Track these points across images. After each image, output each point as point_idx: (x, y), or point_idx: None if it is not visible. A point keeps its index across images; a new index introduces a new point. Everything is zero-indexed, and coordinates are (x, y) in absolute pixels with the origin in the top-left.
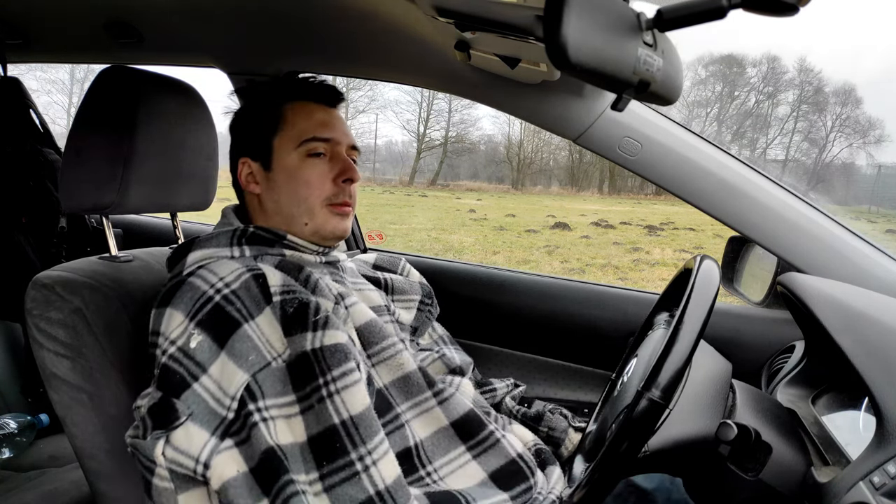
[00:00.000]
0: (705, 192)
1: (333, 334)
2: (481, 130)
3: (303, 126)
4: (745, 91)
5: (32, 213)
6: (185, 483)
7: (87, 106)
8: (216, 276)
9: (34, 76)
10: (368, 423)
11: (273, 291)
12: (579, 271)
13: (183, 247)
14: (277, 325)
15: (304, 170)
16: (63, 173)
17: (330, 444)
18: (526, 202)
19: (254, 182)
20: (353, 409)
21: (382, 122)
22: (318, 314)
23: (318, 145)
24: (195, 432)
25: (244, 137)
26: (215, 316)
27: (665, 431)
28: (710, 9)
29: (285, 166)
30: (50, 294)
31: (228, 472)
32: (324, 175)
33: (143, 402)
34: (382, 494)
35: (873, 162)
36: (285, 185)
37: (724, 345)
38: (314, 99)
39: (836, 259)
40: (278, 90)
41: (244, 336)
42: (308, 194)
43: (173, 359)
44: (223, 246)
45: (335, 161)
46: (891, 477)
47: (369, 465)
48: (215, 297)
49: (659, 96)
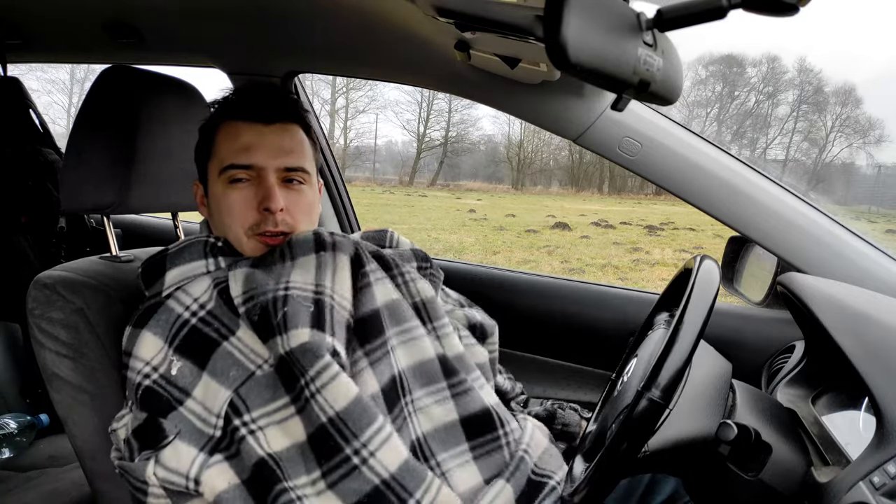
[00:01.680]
0: (705, 192)
1: (296, 334)
2: (481, 130)
3: (226, 151)
4: (745, 91)
5: (32, 213)
6: (181, 497)
7: (88, 106)
8: (190, 297)
9: (34, 76)
10: (357, 417)
11: (237, 303)
12: (579, 271)
13: (157, 262)
14: (254, 334)
15: (227, 198)
16: (64, 173)
17: (325, 442)
18: (526, 202)
19: (203, 205)
20: (337, 405)
21: (382, 122)
22: (278, 315)
23: (238, 172)
24: (183, 450)
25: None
26: (193, 339)
27: (665, 431)
28: (710, 9)
29: (214, 193)
30: (51, 294)
31: (220, 485)
32: (246, 203)
33: (118, 424)
34: (389, 482)
35: (873, 162)
36: (215, 212)
37: (724, 345)
38: (244, 117)
39: (836, 259)
40: (218, 109)
41: (224, 354)
42: (231, 223)
43: (156, 384)
44: (197, 259)
45: (259, 187)
46: (891, 477)
47: (367, 458)
48: (191, 319)
49: (659, 96)
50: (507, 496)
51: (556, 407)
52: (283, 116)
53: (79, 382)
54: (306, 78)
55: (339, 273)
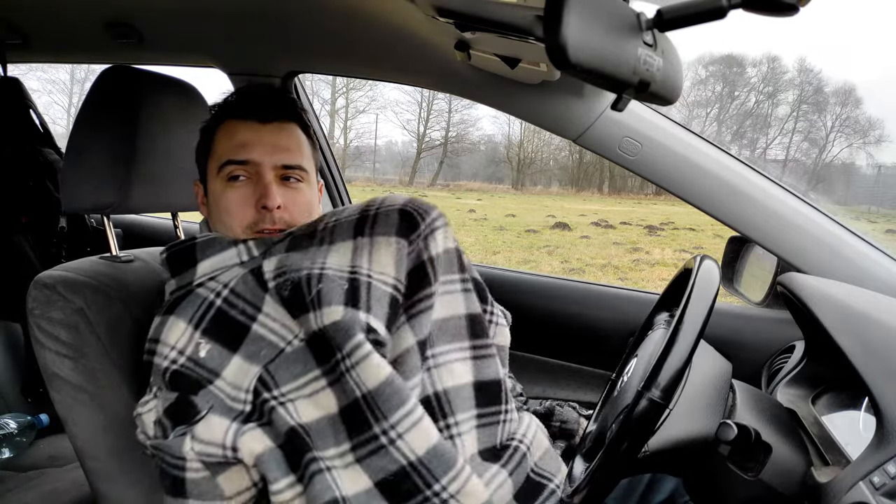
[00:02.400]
0: (705, 192)
1: (330, 312)
2: (481, 130)
3: (223, 149)
4: (745, 91)
5: (32, 213)
6: (219, 468)
7: (88, 106)
8: (220, 283)
9: (34, 76)
10: (388, 398)
11: (267, 277)
12: (579, 271)
13: (185, 252)
14: (282, 310)
15: (225, 196)
16: (64, 173)
17: (356, 417)
18: (526, 202)
19: (203, 204)
20: (369, 384)
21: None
22: (312, 291)
23: (235, 169)
24: (216, 422)
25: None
26: (220, 322)
27: (665, 431)
28: (710, 9)
29: (212, 191)
30: (52, 294)
31: (257, 447)
32: (244, 201)
33: (143, 409)
34: (415, 465)
35: (873, 162)
36: (214, 210)
37: (724, 345)
38: (242, 116)
39: (836, 259)
40: (218, 110)
41: (255, 337)
42: (230, 221)
43: (185, 367)
44: (228, 248)
45: (257, 185)
46: (891, 477)
47: (395, 439)
48: (216, 300)
49: (659, 96)
50: (507, 490)
51: (554, 405)
52: (281, 115)
53: (79, 382)
54: (306, 78)
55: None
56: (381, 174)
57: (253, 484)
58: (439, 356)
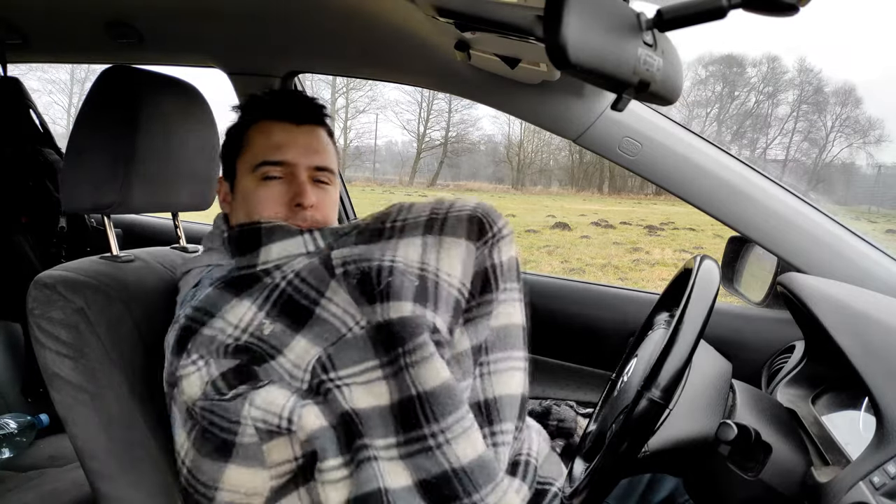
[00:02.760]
0: (705, 192)
1: (398, 306)
2: (481, 130)
3: (259, 148)
4: (745, 91)
5: (32, 213)
6: (269, 436)
7: (88, 106)
8: (289, 269)
9: (34, 76)
10: (443, 401)
11: (335, 263)
12: (579, 271)
13: (252, 233)
14: (347, 296)
15: (258, 193)
16: (64, 173)
17: (407, 414)
18: (526, 202)
19: (226, 202)
20: (426, 385)
21: (382, 122)
22: (381, 283)
23: (272, 169)
24: (277, 392)
25: (222, 157)
26: (286, 305)
27: (665, 431)
28: (710, 9)
29: (243, 189)
30: (52, 294)
31: (312, 424)
32: (278, 198)
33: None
34: (458, 473)
35: (873, 162)
36: (242, 207)
37: (724, 345)
38: (277, 117)
39: (836, 259)
40: (248, 109)
41: (318, 320)
42: (260, 217)
43: (248, 343)
44: (294, 235)
45: (291, 184)
46: (891, 477)
47: (442, 444)
48: (282, 284)
49: (659, 96)
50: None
51: (551, 404)
52: (313, 118)
53: (79, 382)
54: (306, 78)
55: (445, 253)
56: (381, 174)
57: (294, 458)
58: (494, 363)
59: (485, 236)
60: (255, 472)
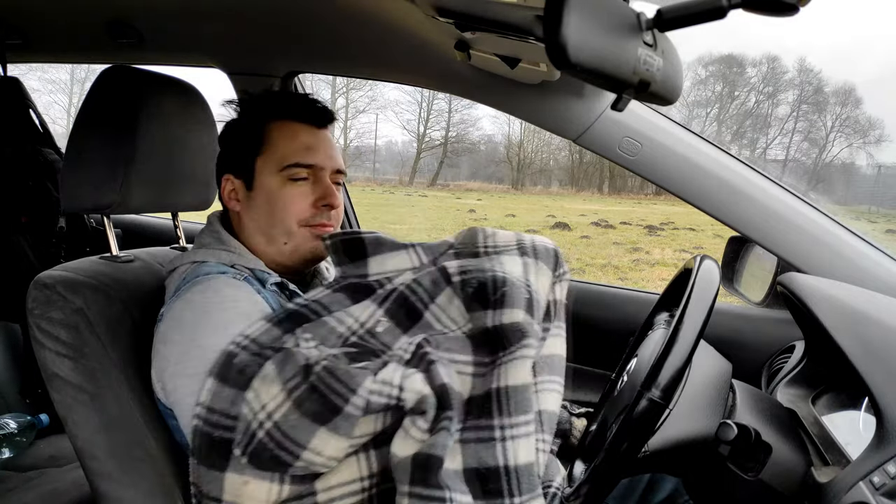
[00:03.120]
0: (705, 192)
1: (511, 313)
2: (481, 130)
3: (286, 150)
4: (745, 91)
5: (32, 213)
6: (371, 409)
7: (88, 106)
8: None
9: (34, 76)
10: (519, 400)
11: (452, 272)
12: (579, 271)
13: (356, 242)
14: (459, 303)
15: (285, 193)
16: (64, 173)
17: (482, 403)
18: (526, 202)
19: (235, 199)
20: (510, 381)
21: (382, 122)
22: (497, 292)
23: (301, 171)
24: (392, 368)
25: (229, 153)
26: (400, 304)
27: (665, 431)
28: (710, 9)
29: (266, 188)
30: (51, 294)
31: (422, 388)
32: (304, 198)
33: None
34: (510, 471)
35: (873, 162)
36: (264, 205)
37: (724, 345)
38: (300, 119)
39: (836, 259)
40: (264, 106)
41: (424, 324)
42: (285, 216)
43: (363, 339)
44: (399, 249)
45: (317, 185)
46: (891, 477)
47: (507, 438)
48: (400, 287)
49: (659, 96)
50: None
51: None
52: (329, 122)
53: (79, 382)
54: (306, 78)
55: (539, 276)
56: (381, 174)
57: (374, 432)
58: (541, 383)
59: (558, 271)
60: (341, 441)
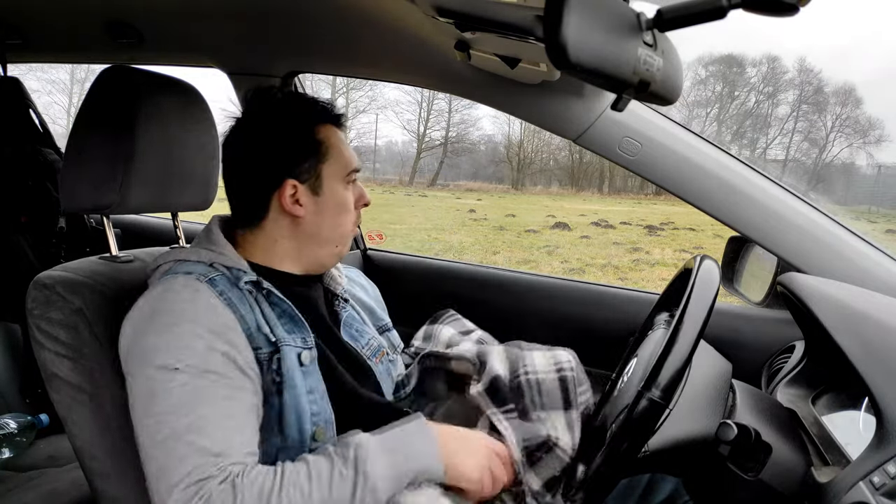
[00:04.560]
0: (705, 192)
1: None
2: (481, 130)
3: (346, 157)
4: (745, 91)
5: (32, 213)
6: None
7: (88, 106)
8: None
9: (34, 76)
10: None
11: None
12: (579, 271)
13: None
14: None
15: (347, 198)
16: (64, 173)
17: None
18: (526, 202)
19: (298, 204)
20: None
21: (383, 122)
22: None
23: (354, 175)
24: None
25: (285, 157)
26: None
27: (665, 431)
28: (710, 9)
29: (335, 193)
30: (51, 294)
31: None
32: (354, 202)
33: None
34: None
35: (873, 162)
36: (333, 212)
37: (724, 345)
38: (337, 123)
39: (836, 259)
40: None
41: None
42: (346, 220)
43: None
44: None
45: (354, 187)
46: (891, 477)
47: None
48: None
49: (659, 96)
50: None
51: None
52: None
53: (78, 382)
54: (306, 78)
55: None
56: (381, 174)
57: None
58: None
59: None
60: None
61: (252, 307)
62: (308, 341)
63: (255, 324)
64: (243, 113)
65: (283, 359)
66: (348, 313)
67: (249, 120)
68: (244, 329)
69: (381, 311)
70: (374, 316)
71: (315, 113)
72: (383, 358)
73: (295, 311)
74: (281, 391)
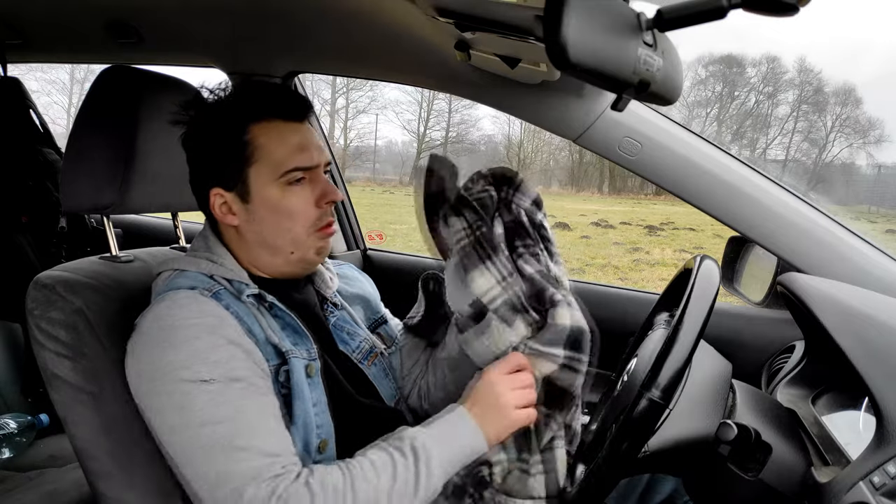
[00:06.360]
0: (705, 192)
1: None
2: (481, 130)
3: (279, 155)
4: (745, 91)
5: (32, 213)
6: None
7: (88, 106)
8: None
9: (34, 76)
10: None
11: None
12: (579, 271)
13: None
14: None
15: (288, 200)
16: (64, 173)
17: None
18: None
19: (230, 213)
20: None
21: (383, 123)
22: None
23: (299, 173)
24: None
25: (210, 164)
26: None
27: (665, 431)
28: (710, 9)
29: (266, 199)
30: (51, 294)
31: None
32: (307, 201)
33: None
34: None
35: (873, 162)
36: (268, 217)
37: (724, 345)
38: (282, 116)
39: (836, 259)
40: (239, 108)
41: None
42: (292, 225)
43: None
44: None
45: (315, 184)
46: (891, 477)
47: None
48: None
49: (659, 96)
50: None
51: None
52: (309, 112)
53: (78, 382)
54: (306, 78)
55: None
56: (381, 174)
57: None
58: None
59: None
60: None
61: (257, 319)
62: (312, 353)
63: (262, 336)
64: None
65: (291, 371)
66: (337, 316)
67: (187, 126)
68: (253, 341)
69: (375, 302)
70: (369, 308)
71: (249, 111)
72: (377, 360)
73: (298, 323)
74: (290, 403)
